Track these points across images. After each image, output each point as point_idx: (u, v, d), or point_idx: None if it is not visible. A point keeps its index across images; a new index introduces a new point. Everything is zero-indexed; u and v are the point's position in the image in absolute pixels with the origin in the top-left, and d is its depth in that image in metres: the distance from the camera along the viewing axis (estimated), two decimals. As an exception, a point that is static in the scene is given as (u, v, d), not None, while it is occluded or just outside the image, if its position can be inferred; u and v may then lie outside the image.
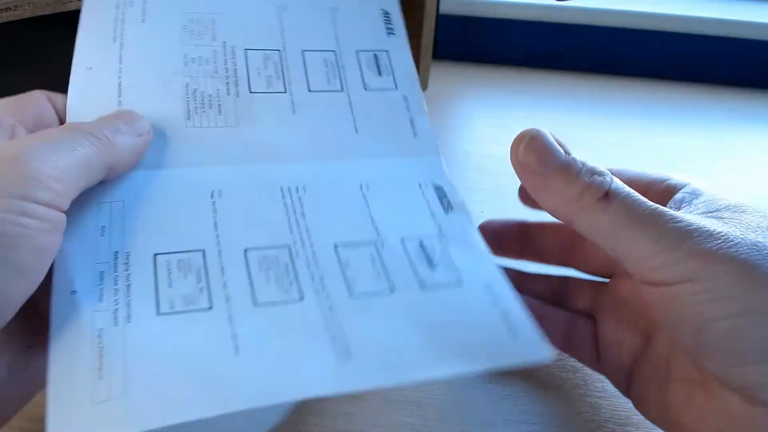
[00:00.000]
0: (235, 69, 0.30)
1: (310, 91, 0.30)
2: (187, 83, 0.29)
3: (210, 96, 0.29)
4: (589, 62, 0.65)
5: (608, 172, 0.25)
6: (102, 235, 0.24)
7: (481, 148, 0.51)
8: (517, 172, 0.26)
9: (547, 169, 0.24)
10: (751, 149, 0.52)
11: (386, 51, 0.32)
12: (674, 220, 0.23)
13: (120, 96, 0.28)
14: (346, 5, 0.33)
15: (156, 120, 0.28)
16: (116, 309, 0.22)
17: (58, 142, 0.21)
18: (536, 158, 0.25)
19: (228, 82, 0.30)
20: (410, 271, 0.25)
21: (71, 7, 0.35)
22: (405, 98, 0.31)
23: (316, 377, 0.21)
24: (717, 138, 0.54)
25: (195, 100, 0.29)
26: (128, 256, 0.23)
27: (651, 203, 0.24)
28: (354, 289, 0.24)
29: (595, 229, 0.24)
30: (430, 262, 0.25)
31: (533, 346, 0.22)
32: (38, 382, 0.22)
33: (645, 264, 0.23)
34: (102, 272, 0.23)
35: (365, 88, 0.31)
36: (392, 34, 0.33)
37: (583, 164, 0.25)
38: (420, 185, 0.29)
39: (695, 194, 0.26)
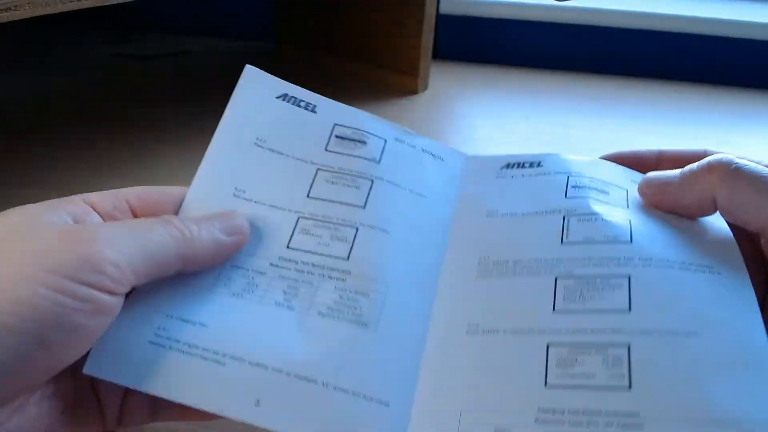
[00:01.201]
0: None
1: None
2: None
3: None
4: (589, 62, 0.66)
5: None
6: None
7: (481, 148, 0.51)
8: (652, 204, 0.27)
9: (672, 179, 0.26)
10: (752, 149, 0.52)
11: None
12: None
13: None
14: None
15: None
16: None
17: (131, 228, 0.21)
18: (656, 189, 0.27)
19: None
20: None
21: (71, 7, 0.34)
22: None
23: None
24: (717, 138, 0.54)
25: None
26: None
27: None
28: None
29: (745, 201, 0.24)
30: (361, 141, 0.29)
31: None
32: None
33: None
34: None
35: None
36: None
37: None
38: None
39: None
